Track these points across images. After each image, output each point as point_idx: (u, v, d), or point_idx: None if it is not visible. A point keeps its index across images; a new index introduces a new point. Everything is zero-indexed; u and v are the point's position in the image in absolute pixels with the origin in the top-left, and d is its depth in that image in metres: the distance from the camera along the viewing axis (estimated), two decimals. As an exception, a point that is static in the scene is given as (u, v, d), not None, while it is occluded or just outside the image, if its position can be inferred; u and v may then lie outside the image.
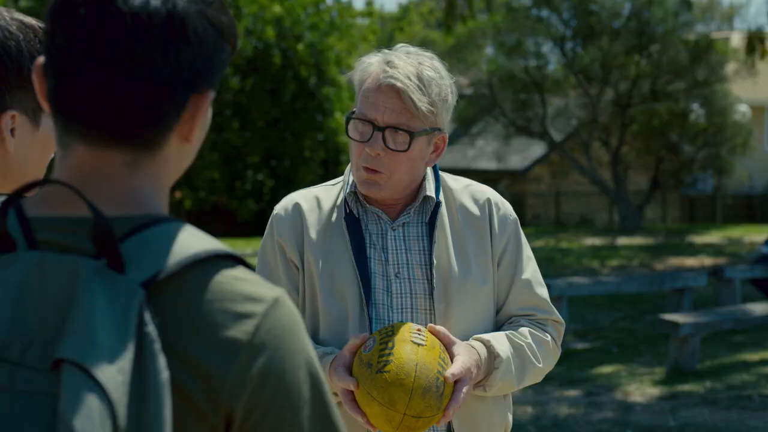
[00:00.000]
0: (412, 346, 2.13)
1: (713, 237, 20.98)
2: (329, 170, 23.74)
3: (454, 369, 2.15)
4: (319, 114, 23.14)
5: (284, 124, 23.10)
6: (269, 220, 2.40)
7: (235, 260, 1.11)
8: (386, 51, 2.33)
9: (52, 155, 1.84)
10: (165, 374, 1.01)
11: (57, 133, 1.14)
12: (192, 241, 1.09)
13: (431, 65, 2.29)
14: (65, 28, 1.10)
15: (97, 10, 1.09)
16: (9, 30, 1.72)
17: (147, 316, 1.02)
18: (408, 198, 2.36)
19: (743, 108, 23.37)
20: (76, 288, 1.02)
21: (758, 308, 9.39)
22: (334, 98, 23.07)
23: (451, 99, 2.32)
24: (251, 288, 1.09)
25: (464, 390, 2.17)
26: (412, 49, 2.33)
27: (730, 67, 22.46)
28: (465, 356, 2.19)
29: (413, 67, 2.25)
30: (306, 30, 22.94)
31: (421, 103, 2.22)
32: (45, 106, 1.15)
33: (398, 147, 2.24)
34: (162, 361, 1.01)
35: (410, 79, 2.22)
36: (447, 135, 2.35)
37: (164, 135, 1.13)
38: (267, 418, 1.07)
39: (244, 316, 1.07)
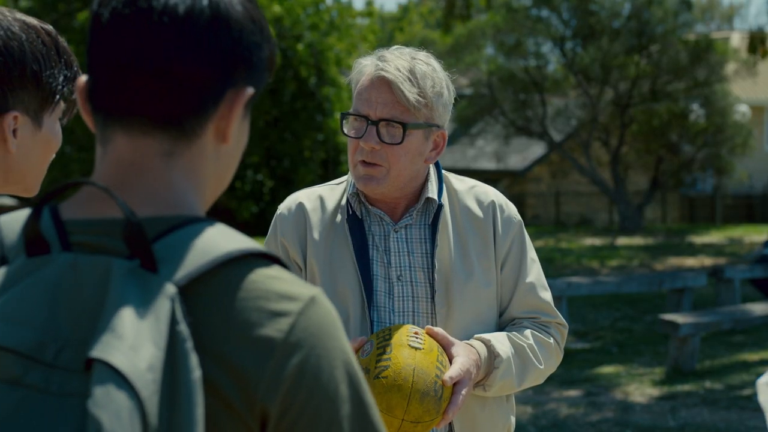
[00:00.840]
0: (410, 351, 2.12)
1: (713, 237, 20.98)
2: (329, 170, 23.73)
3: (452, 372, 2.14)
4: (319, 114, 23.12)
5: (284, 124, 23.08)
6: (273, 219, 2.40)
7: (270, 259, 1.11)
8: (381, 51, 2.34)
9: (53, 156, 1.84)
10: (197, 373, 1.00)
11: (98, 132, 1.15)
12: (226, 240, 1.08)
13: (425, 61, 2.29)
14: (109, 24, 1.11)
15: (138, 4, 1.11)
16: (12, 30, 1.72)
17: (179, 315, 1.02)
18: (410, 199, 2.35)
19: (743, 108, 23.37)
20: (108, 288, 1.02)
21: (758, 308, 9.39)
22: (334, 98, 23.05)
23: (447, 95, 2.31)
24: (287, 286, 1.09)
25: (463, 392, 2.16)
26: (406, 49, 2.34)
27: (730, 67, 22.45)
28: (463, 357, 2.18)
29: (406, 62, 2.26)
30: (306, 30, 22.93)
31: (411, 93, 2.22)
32: (88, 121, 1.16)
33: (393, 140, 2.24)
34: (194, 359, 1.01)
35: (400, 71, 2.23)
36: (446, 132, 2.34)
37: (202, 125, 1.13)
38: (303, 418, 1.06)
39: (279, 315, 1.06)
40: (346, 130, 2.30)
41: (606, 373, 8.60)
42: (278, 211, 2.39)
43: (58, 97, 1.78)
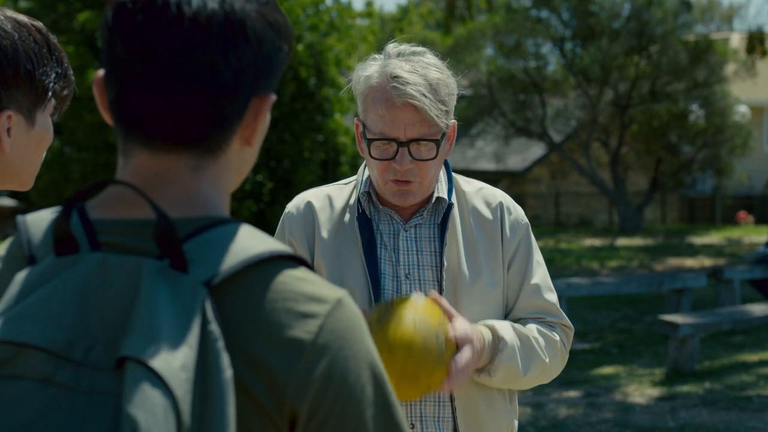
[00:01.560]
0: (412, 303, 2.12)
1: (713, 238, 20.98)
2: (329, 171, 23.73)
3: (454, 325, 2.14)
4: (319, 115, 23.12)
5: (283, 125, 23.08)
6: (281, 217, 2.40)
7: (297, 261, 1.11)
8: (380, 57, 2.30)
9: (45, 153, 1.84)
10: (228, 372, 1.01)
11: (119, 142, 1.14)
12: (254, 242, 1.09)
13: (433, 64, 2.28)
14: (123, 37, 1.10)
15: (154, 17, 1.09)
16: (4, 29, 1.72)
17: (210, 315, 1.02)
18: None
19: (743, 109, 23.37)
20: (138, 288, 1.03)
21: (757, 309, 9.39)
22: (334, 99, 23.04)
23: (456, 92, 2.32)
24: (314, 288, 1.09)
25: (467, 352, 2.13)
26: (403, 48, 2.31)
27: (730, 68, 22.46)
28: (465, 323, 2.18)
29: (420, 77, 2.23)
30: (305, 31, 22.92)
31: (439, 112, 2.23)
32: (106, 117, 1.16)
33: (426, 156, 2.25)
34: (225, 359, 1.01)
35: (425, 95, 2.21)
36: (455, 122, 2.35)
37: (227, 139, 1.13)
38: (331, 419, 1.07)
39: (307, 316, 1.07)
40: (373, 154, 2.27)
41: (606, 374, 8.60)
42: (286, 210, 2.39)
43: (50, 94, 1.78)
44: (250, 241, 1.09)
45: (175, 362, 0.98)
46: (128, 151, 1.13)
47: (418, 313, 2.11)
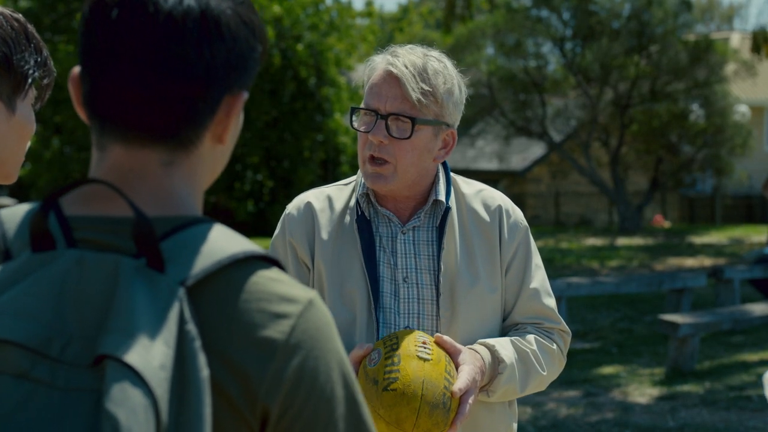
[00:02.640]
0: (418, 362, 2.10)
1: (713, 237, 20.98)
2: (328, 171, 23.72)
3: (460, 383, 2.13)
4: (319, 114, 23.11)
5: (283, 125, 23.07)
6: (281, 218, 2.39)
7: (270, 261, 1.13)
8: (394, 47, 2.34)
9: (29, 142, 1.84)
10: (205, 372, 1.02)
11: (93, 136, 1.16)
12: (229, 242, 1.10)
13: (438, 58, 2.30)
14: (100, 30, 1.12)
15: (130, 11, 1.11)
16: None
17: (187, 315, 1.03)
18: (419, 200, 2.35)
19: (743, 108, 23.36)
20: (115, 286, 1.04)
21: (757, 309, 9.39)
22: (334, 99, 23.04)
23: (459, 94, 2.31)
24: (286, 289, 1.11)
25: (470, 401, 2.16)
26: (420, 47, 2.35)
27: (730, 68, 22.45)
28: (470, 366, 2.18)
29: (418, 58, 2.26)
30: (305, 30, 22.91)
31: (415, 91, 2.22)
32: (81, 112, 1.17)
33: (401, 134, 2.24)
34: (202, 358, 1.03)
35: (407, 68, 2.23)
36: (456, 132, 2.34)
37: (199, 134, 1.14)
38: (301, 418, 1.09)
39: (280, 317, 1.09)
40: (356, 125, 2.30)
41: (605, 374, 8.60)
42: (286, 211, 2.38)
43: (29, 81, 1.78)
44: (224, 242, 1.10)
45: (154, 361, 0.99)
46: (103, 145, 1.15)
47: (425, 374, 2.09)
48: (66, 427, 0.99)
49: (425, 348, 2.14)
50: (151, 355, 0.99)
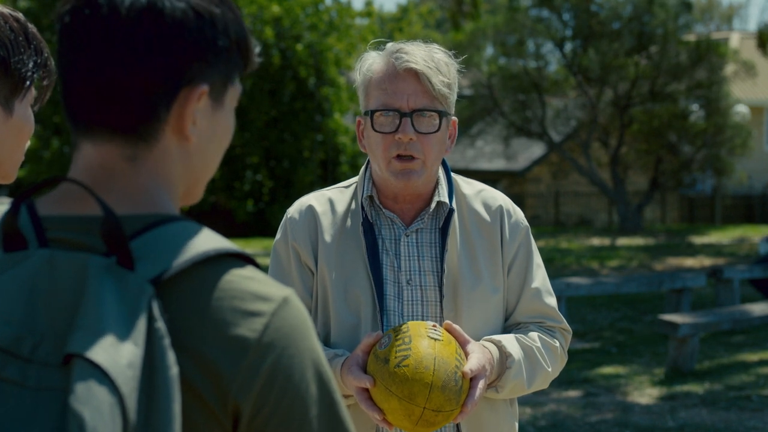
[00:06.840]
0: (429, 341, 2.12)
1: (712, 237, 20.98)
2: (328, 171, 23.71)
3: (471, 365, 2.14)
4: (318, 114, 23.11)
5: (283, 125, 23.07)
6: (282, 222, 2.38)
7: (244, 260, 1.13)
8: (392, 44, 2.32)
9: (28, 143, 1.83)
10: (174, 369, 1.02)
11: (72, 138, 1.18)
12: (202, 240, 1.10)
13: (440, 49, 2.31)
14: (63, 33, 1.16)
15: (81, 8, 1.14)
16: None
17: (156, 312, 1.03)
18: (422, 201, 2.34)
19: (742, 108, 23.37)
20: (85, 285, 1.04)
21: (757, 309, 9.39)
22: (333, 99, 23.04)
23: (456, 81, 2.32)
24: (260, 287, 1.11)
25: (480, 386, 2.15)
26: (417, 42, 2.33)
27: (730, 68, 22.45)
28: (480, 353, 2.19)
29: (425, 52, 2.26)
30: (305, 30, 22.91)
31: (441, 84, 2.22)
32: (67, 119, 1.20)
33: (429, 129, 2.23)
34: (171, 356, 1.02)
35: (426, 62, 2.22)
36: (456, 119, 2.34)
37: (156, 127, 1.15)
38: (275, 417, 1.08)
39: (253, 315, 1.08)
40: (376, 128, 2.26)
41: (605, 374, 8.59)
42: (288, 215, 2.36)
43: (28, 83, 1.77)
44: (198, 239, 1.10)
45: (121, 359, 0.99)
46: (76, 144, 1.17)
47: (437, 352, 2.11)
48: (37, 426, 0.99)
49: (435, 330, 2.16)
50: (118, 353, 0.99)
